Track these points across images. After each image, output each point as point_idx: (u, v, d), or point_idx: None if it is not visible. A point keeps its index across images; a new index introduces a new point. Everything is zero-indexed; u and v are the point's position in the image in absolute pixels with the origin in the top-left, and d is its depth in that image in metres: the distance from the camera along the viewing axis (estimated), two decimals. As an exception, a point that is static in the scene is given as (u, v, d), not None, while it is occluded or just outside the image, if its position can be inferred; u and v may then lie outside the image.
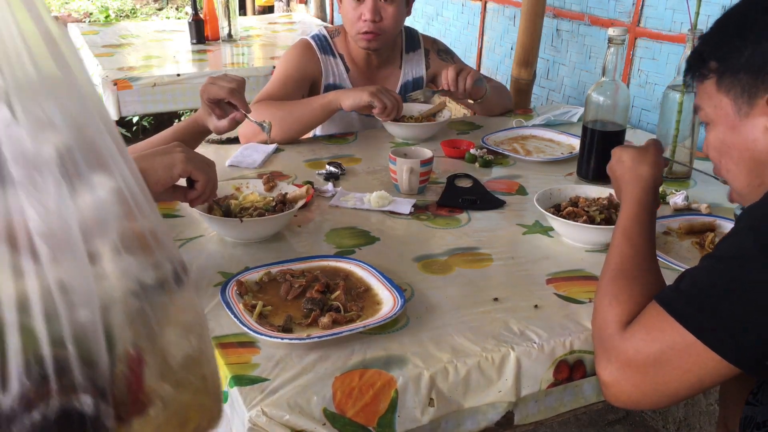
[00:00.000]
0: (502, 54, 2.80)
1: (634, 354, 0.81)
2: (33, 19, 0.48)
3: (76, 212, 0.48)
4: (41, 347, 0.46)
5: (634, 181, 1.05)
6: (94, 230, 0.49)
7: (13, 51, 0.47)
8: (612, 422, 2.13)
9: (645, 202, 1.02)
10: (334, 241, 1.27)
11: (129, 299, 0.51)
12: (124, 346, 0.50)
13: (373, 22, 1.81)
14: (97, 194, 0.49)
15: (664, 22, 2.03)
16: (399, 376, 0.90)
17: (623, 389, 0.82)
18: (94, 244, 0.49)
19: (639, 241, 0.96)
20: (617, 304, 0.87)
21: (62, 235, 0.47)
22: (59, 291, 0.47)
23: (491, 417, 0.97)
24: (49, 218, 0.46)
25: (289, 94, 1.84)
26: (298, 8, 4.64)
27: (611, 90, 1.50)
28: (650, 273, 0.93)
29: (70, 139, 0.48)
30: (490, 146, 1.74)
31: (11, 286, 0.46)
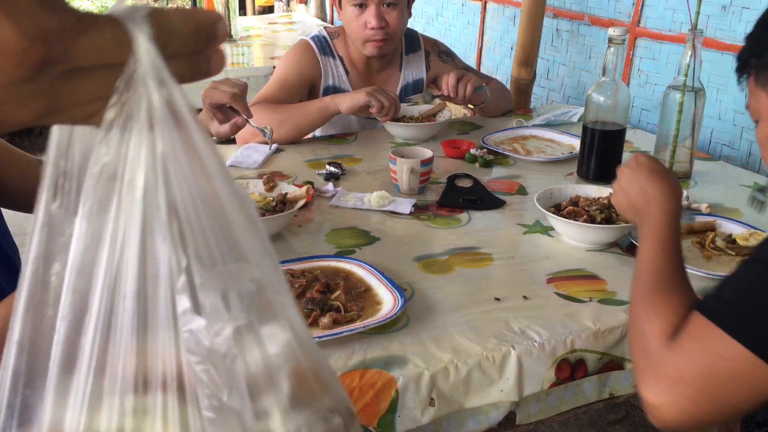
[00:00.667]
0: (502, 54, 2.80)
1: (685, 367, 0.76)
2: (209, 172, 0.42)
3: (246, 375, 0.42)
4: None
5: (669, 191, 0.99)
6: (263, 388, 0.43)
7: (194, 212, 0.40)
8: (612, 422, 2.13)
9: (679, 213, 0.98)
10: (334, 241, 1.27)
11: None
12: None
13: (381, 29, 1.81)
14: (267, 350, 0.43)
15: (664, 22, 2.04)
16: (399, 376, 0.90)
17: (677, 407, 0.76)
18: (262, 403, 0.43)
19: (674, 251, 0.92)
20: (656, 319, 0.83)
21: (229, 415, 0.42)
22: None
23: (494, 417, 0.97)
24: (218, 406, 0.42)
25: (287, 96, 1.84)
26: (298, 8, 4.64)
27: (611, 90, 1.50)
28: (685, 282, 0.89)
29: (239, 321, 0.43)
30: (491, 146, 1.74)
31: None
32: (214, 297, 0.42)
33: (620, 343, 1.02)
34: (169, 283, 0.41)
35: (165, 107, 0.38)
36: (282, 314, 0.45)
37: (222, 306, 0.42)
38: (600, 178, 1.54)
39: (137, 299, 0.41)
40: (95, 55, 0.34)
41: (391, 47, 1.88)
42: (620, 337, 1.02)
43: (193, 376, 0.42)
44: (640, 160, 1.06)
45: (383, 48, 1.85)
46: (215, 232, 0.42)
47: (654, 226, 0.96)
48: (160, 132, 0.39)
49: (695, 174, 1.59)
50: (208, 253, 0.41)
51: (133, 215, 0.40)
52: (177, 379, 0.42)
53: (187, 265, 0.41)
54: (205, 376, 0.42)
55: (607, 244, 1.26)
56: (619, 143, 1.54)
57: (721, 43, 1.86)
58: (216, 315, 0.42)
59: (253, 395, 0.43)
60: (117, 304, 0.41)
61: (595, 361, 1.01)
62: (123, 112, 0.37)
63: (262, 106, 1.77)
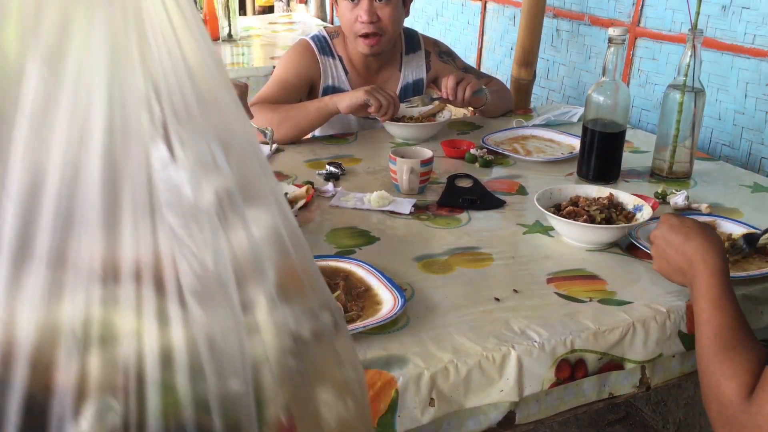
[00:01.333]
0: (502, 54, 2.80)
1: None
2: (194, 38, 0.40)
3: (231, 256, 0.40)
4: (184, 412, 0.39)
5: (712, 249, 0.97)
6: (249, 276, 0.41)
7: (173, 71, 0.38)
8: (612, 422, 2.13)
9: (726, 269, 0.96)
10: (334, 241, 1.27)
11: (284, 358, 0.43)
12: (274, 412, 0.42)
13: (370, 23, 1.80)
14: (252, 232, 0.42)
15: (664, 22, 2.04)
16: (399, 375, 0.90)
17: None
18: (249, 292, 0.41)
19: (732, 309, 0.92)
20: (727, 381, 0.83)
21: (215, 288, 0.40)
22: (207, 348, 0.39)
23: (493, 417, 0.97)
24: (202, 274, 0.39)
25: (287, 96, 1.84)
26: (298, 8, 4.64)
27: (611, 90, 1.50)
28: (747, 336, 0.88)
29: (231, 180, 0.41)
30: (491, 146, 1.74)
31: (155, 336, 0.39)
32: (198, 147, 0.39)
33: (620, 343, 1.02)
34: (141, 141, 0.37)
35: None
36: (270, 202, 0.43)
37: (208, 156, 0.39)
38: (600, 178, 1.54)
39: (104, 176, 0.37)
40: None
41: (385, 45, 1.87)
42: (620, 337, 1.02)
43: (175, 249, 0.38)
44: (671, 222, 1.04)
45: (375, 46, 1.84)
46: (194, 89, 0.39)
47: (703, 287, 0.95)
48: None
49: (695, 174, 1.59)
50: (185, 107, 0.38)
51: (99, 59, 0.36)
52: (154, 266, 0.38)
53: (163, 117, 0.38)
54: (188, 237, 0.38)
55: (607, 244, 1.26)
56: (619, 143, 1.54)
57: (721, 43, 1.86)
58: (200, 166, 0.39)
59: (240, 282, 0.40)
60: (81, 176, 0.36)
61: (595, 361, 1.01)
62: None
63: (261, 106, 1.77)
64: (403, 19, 1.91)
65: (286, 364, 0.43)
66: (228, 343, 0.40)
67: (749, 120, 1.83)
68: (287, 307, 0.43)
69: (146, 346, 0.39)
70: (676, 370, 1.10)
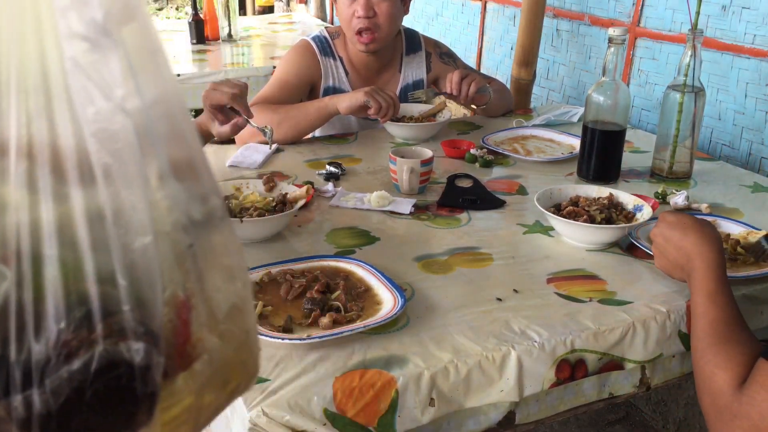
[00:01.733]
0: (502, 54, 2.80)
1: (760, 418, 0.77)
2: None
3: (131, 119, 0.39)
4: (86, 282, 0.38)
5: (709, 243, 0.99)
6: (145, 144, 0.40)
7: None
8: (612, 422, 2.13)
9: (722, 262, 0.98)
10: (334, 241, 1.27)
11: (179, 233, 0.42)
12: (172, 289, 0.42)
13: (367, 18, 1.80)
14: (145, 100, 0.40)
15: (664, 22, 2.04)
16: (399, 376, 0.90)
17: None
18: (145, 161, 0.40)
19: (725, 301, 0.93)
20: (720, 372, 0.84)
21: (120, 141, 0.38)
22: (112, 214, 0.38)
23: (493, 417, 0.97)
24: (109, 116, 0.38)
25: (287, 97, 1.84)
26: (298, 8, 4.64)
27: (611, 90, 1.50)
28: (741, 330, 0.90)
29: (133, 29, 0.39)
30: (491, 146, 1.74)
31: (51, 209, 0.37)
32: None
33: (620, 343, 1.02)
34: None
35: None
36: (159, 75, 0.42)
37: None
38: (600, 178, 1.54)
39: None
40: None
41: (381, 42, 1.86)
42: (620, 337, 1.02)
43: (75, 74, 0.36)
44: (669, 219, 1.05)
45: (371, 44, 1.84)
46: None
47: (699, 281, 0.96)
48: None
49: (695, 174, 1.59)
50: None
51: None
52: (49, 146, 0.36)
53: None
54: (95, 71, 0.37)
55: (607, 244, 1.26)
56: (619, 143, 1.54)
57: (721, 43, 1.86)
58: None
59: (139, 144, 0.39)
60: None
61: (595, 361, 1.01)
62: None
63: (261, 107, 1.77)
64: (401, 16, 1.91)
65: (180, 240, 0.43)
66: (133, 208, 0.39)
67: (749, 120, 1.83)
68: (180, 184, 0.43)
69: (42, 218, 0.37)
70: (676, 370, 1.10)
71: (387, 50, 1.95)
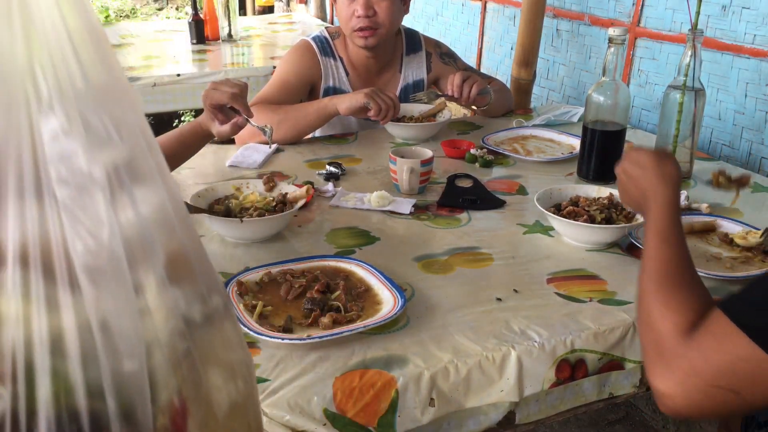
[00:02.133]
0: (502, 54, 2.80)
1: (702, 363, 0.77)
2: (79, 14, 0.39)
3: (121, 235, 0.40)
4: (76, 398, 0.38)
5: (663, 181, 0.98)
6: (139, 256, 0.41)
7: (59, 51, 0.38)
8: (612, 422, 2.13)
9: (676, 202, 0.97)
10: (334, 241, 1.27)
11: (175, 340, 0.43)
12: (167, 396, 0.42)
13: (367, 17, 1.80)
14: (140, 211, 0.41)
15: (664, 22, 2.04)
16: (399, 376, 0.90)
17: (688, 399, 0.77)
18: (139, 273, 0.41)
19: (676, 241, 0.92)
20: (671, 314, 0.83)
21: (108, 266, 0.39)
22: (101, 330, 0.39)
23: (493, 417, 0.97)
24: (96, 249, 0.39)
25: (287, 97, 1.84)
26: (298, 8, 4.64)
27: (611, 90, 1.50)
28: (694, 273, 0.89)
29: (121, 154, 0.41)
30: (491, 146, 1.74)
31: (44, 321, 0.38)
32: (89, 119, 0.38)
33: (620, 343, 1.02)
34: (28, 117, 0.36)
35: None
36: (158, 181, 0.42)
37: (101, 129, 0.38)
38: (600, 178, 1.54)
39: None
40: None
41: (380, 39, 1.86)
42: (620, 337, 1.02)
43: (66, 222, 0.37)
44: (632, 156, 1.06)
45: (370, 39, 1.83)
46: (79, 64, 0.38)
47: (652, 219, 0.96)
48: None
49: (695, 174, 1.59)
50: (71, 82, 0.38)
51: None
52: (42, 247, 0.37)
53: (49, 91, 0.37)
54: (80, 211, 0.38)
55: (607, 244, 1.26)
56: (619, 143, 1.54)
57: (721, 43, 1.86)
58: (93, 138, 0.38)
59: (131, 262, 0.40)
60: None
61: (595, 361, 1.01)
62: None
63: (261, 107, 1.76)
64: (401, 15, 1.91)
65: (177, 347, 0.43)
66: (122, 324, 0.40)
67: (749, 120, 1.83)
68: (177, 288, 0.43)
69: (35, 331, 0.38)
70: (676, 370, 1.10)
71: (387, 50, 1.95)
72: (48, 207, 0.38)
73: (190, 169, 1.58)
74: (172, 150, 1.45)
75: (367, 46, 1.86)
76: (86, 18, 0.40)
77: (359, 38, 1.84)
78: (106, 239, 0.39)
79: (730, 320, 0.76)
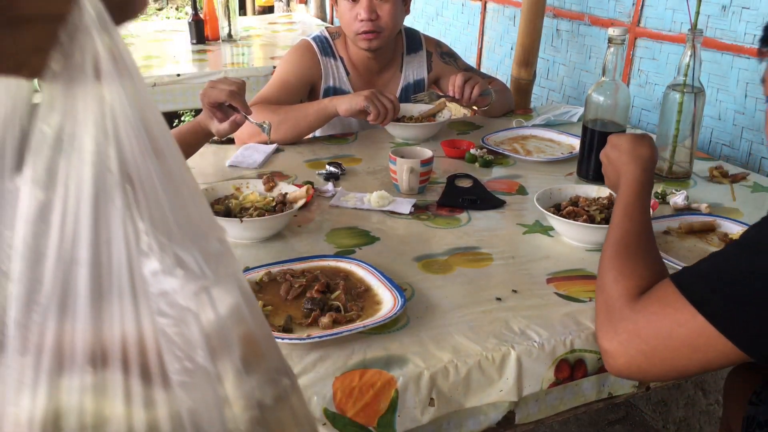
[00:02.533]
0: (502, 54, 2.80)
1: (644, 325, 0.81)
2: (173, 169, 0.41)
3: (205, 335, 0.42)
4: None
5: (634, 161, 1.07)
6: (219, 350, 0.42)
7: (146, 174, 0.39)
8: (612, 422, 2.13)
9: (644, 180, 1.04)
10: (334, 241, 1.27)
11: (254, 429, 0.44)
12: None
13: (370, 21, 1.80)
14: (219, 311, 0.43)
15: (664, 22, 2.04)
16: (399, 375, 0.90)
17: (633, 359, 0.82)
18: (218, 366, 0.42)
19: (640, 217, 0.98)
20: (623, 279, 0.88)
21: (196, 368, 0.41)
22: (191, 424, 0.40)
23: (493, 417, 0.97)
24: (185, 356, 0.40)
25: (287, 97, 1.84)
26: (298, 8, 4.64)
27: (611, 90, 1.50)
28: (651, 248, 0.94)
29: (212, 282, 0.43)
30: (490, 146, 1.74)
31: (142, 418, 0.40)
32: (188, 256, 0.41)
33: (620, 343, 1.02)
34: (126, 248, 0.39)
35: (110, 57, 0.37)
36: (234, 276, 0.44)
37: (195, 265, 0.41)
38: (600, 178, 1.52)
39: (92, 267, 0.39)
40: (39, 4, 0.33)
41: (383, 41, 1.86)
42: (620, 337, 1.02)
43: (162, 342, 0.40)
44: (613, 141, 1.15)
45: (373, 42, 1.84)
46: (168, 195, 0.41)
47: (620, 196, 1.03)
48: (107, 83, 0.37)
49: (695, 174, 1.59)
50: (161, 216, 0.40)
51: (84, 180, 0.38)
52: (139, 353, 0.40)
53: (146, 229, 0.40)
54: (179, 337, 0.40)
55: (606, 244, 1.26)
56: (619, 143, 1.54)
57: (721, 43, 1.86)
58: (191, 274, 0.41)
59: (212, 358, 0.42)
60: (71, 274, 0.39)
61: (595, 362, 1.01)
62: (67, 64, 0.36)
63: (260, 107, 1.76)
64: (403, 16, 1.91)
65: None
66: (209, 417, 0.41)
67: (749, 120, 1.83)
68: (251, 377, 0.44)
69: (135, 429, 0.40)
70: (676, 370, 1.10)
71: (388, 50, 1.95)
72: (144, 312, 0.40)
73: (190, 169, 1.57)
74: None
75: (371, 49, 1.86)
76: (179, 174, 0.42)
77: (362, 41, 1.84)
78: (200, 359, 0.41)
79: (676, 288, 0.80)
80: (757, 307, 0.75)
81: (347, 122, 1.98)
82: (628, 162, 1.07)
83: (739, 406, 1.15)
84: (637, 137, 1.12)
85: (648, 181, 1.05)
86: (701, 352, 0.78)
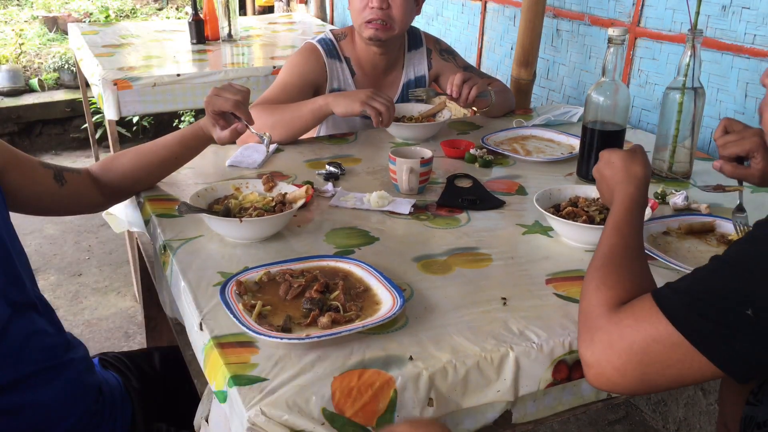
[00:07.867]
0: (502, 54, 2.80)
1: (618, 338, 0.81)
2: None
3: None
4: None
5: (627, 180, 1.07)
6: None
7: None
8: (612, 422, 2.13)
9: (637, 198, 1.04)
10: (333, 241, 1.27)
11: None
12: None
13: (380, 9, 1.81)
14: None
15: (664, 22, 2.03)
16: (398, 375, 0.90)
17: (604, 371, 0.82)
18: None
19: (628, 232, 0.98)
20: (605, 289, 0.88)
21: None
22: None
23: (489, 416, 0.97)
24: None
25: (288, 100, 1.84)
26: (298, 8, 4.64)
27: (611, 90, 1.50)
28: (638, 262, 0.94)
29: None
30: (490, 146, 1.74)
31: None
32: None
33: (619, 343, 1.02)
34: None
35: None
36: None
37: None
38: (599, 179, 1.54)
39: None
40: None
41: (390, 35, 1.86)
42: (619, 337, 1.02)
43: None
44: (605, 157, 1.15)
45: (380, 31, 1.84)
46: None
47: (612, 211, 1.03)
48: None
49: (695, 174, 1.59)
50: None
51: None
52: None
53: None
54: None
55: (606, 245, 1.26)
56: (619, 143, 1.54)
57: (721, 43, 1.86)
58: None
59: None
60: None
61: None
62: None
63: (259, 108, 1.77)
64: (413, 15, 1.92)
65: None
66: None
67: (749, 120, 1.83)
68: None
69: None
70: (675, 370, 1.10)
71: (393, 48, 1.95)
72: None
73: (190, 169, 1.58)
74: (174, 152, 1.45)
75: (376, 38, 1.85)
76: None
77: (369, 29, 1.84)
78: None
79: (655, 303, 0.80)
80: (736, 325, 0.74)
81: (351, 121, 1.98)
82: (621, 181, 1.07)
83: (737, 407, 1.15)
84: (630, 154, 1.11)
85: (641, 198, 1.05)
86: (675, 368, 0.78)
